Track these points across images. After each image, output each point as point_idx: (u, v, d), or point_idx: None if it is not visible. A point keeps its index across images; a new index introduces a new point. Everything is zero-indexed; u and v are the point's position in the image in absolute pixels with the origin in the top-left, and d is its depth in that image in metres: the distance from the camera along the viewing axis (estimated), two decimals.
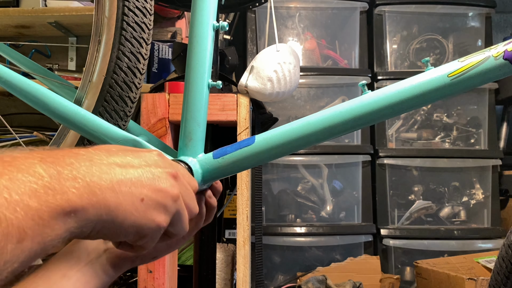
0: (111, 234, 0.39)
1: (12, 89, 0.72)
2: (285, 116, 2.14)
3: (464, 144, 2.18)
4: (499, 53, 0.55)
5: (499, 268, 0.81)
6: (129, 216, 0.39)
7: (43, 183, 0.33)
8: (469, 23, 2.25)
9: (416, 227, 2.09)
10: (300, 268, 2.01)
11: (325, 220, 2.09)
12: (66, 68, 1.81)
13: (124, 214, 0.39)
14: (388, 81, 2.12)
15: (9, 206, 0.30)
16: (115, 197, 0.38)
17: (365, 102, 0.60)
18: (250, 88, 1.19)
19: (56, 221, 0.33)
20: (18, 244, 0.30)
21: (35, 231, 0.31)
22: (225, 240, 1.59)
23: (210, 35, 0.70)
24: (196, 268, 1.21)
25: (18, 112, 1.75)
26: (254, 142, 0.62)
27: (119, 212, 0.38)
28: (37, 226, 0.31)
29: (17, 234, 0.30)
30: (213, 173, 0.62)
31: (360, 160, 2.09)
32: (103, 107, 0.78)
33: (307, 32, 2.19)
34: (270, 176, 2.14)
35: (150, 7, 0.82)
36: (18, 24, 1.70)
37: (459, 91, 0.58)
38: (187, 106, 0.68)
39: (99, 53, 0.77)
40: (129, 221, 0.39)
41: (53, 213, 0.32)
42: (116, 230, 0.39)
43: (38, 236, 0.31)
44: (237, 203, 1.16)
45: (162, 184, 0.43)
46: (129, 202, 0.39)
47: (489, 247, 1.99)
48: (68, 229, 0.34)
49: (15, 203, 0.30)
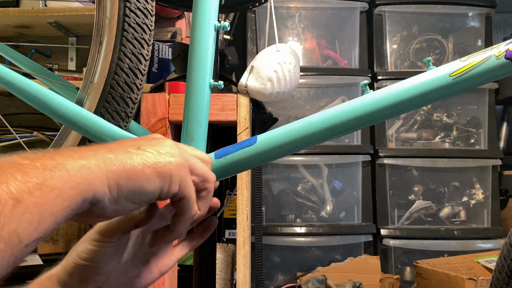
0: (137, 190, 0.41)
1: (15, 91, 0.72)
2: (285, 116, 2.14)
3: (464, 144, 2.18)
4: (501, 52, 0.56)
5: (500, 267, 0.81)
6: (134, 176, 0.41)
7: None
8: (469, 23, 2.25)
9: (416, 227, 2.09)
10: (300, 268, 2.01)
11: (325, 220, 2.09)
12: (66, 68, 1.81)
13: (132, 174, 0.41)
14: (388, 81, 2.12)
15: (35, 187, 0.33)
16: (130, 162, 0.41)
17: (367, 102, 0.60)
18: (250, 88, 1.19)
19: (72, 191, 0.36)
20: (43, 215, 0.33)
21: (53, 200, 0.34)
22: (225, 240, 1.59)
23: (211, 35, 0.70)
24: (196, 268, 1.21)
25: (18, 112, 1.75)
26: (256, 142, 0.62)
27: (129, 174, 0.41)
28: (56, 197, 0.34)
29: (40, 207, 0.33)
30: (215, 173, 0.62)
31: (360, 160, 2.09)
32: (104, 108, 0.78)
33: (307, 32, 2.19)
34: (270, 176, 2.14)
35: (151, 8, 0.82)
36: (18, 24, 1.70)
37: (461, 91, 0.58)
38: (188, 106, 0.68)
39: (101, 54, 0.77)
40: (147, 171, 0.42)
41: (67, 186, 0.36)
42: (139, 184, 0.41)
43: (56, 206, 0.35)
44: (237, 203, 1.16)
45: (164, 149, 0.45)
46: (140, 161, 0.42)
47: (489, 247, 1.99)
48: (82, 196, 0.37)
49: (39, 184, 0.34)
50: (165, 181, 0.43)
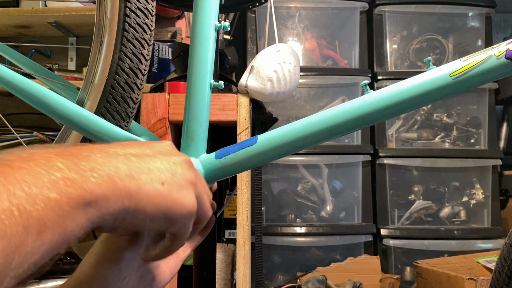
0: (137, 221, 0.39)
1: (15, 91, 0.72)
2: (285, 116, 2.14)
3: (464, 144, 2.18)
4: (501, 52, 0.56)
5: (500, 267, 0.81)
6: (153, 199, 0.39)
7: (61, 175, 0.32)
8: (469, 23, 2.25)
9: (416, 227, 2.09)
10: (300, 268, 2.01)
11: (325, 220, 2.09)
12: (66, 68, 1.81)
13: (147, 197, 0.38)
14: (388, 81, 2.12)
15: (28, 199, 0.30)
16: (135, 183, 0.37)
17: (368, 101, 0.60)
18: (250, 88, 1.19)
19: (76, 211, 0.33)
20: (39, 235, 0.30)
21: (55, 222, 0.31)
22: (225, 240, 1.59)
23: (212, 35, 0.70)
24: (196, 268, 1.21)
25: (18, 112, 1.75)
26: (257, 142, 0.62)
27: (141, 196, 0.38)
28: (57, 217, 0.31)
29: (37, 226, 0.30)
30: (215, 173, 0.62)
31: (360, 160, 2.10)
32: (105, 108, 0.78)
33: (307, 32, 2.19)
34: (270, 176, 2.14)
35: (152, 8, 0.82)
36: (18, 24, 1.70)
37: (461, 91, 0.58)
38: (189, 107, 0.68)
39: (101, 54, 0.77)
40: (153, 205, 0.39)
41: (73, 203, 0.32)
42: (141, 216, 0.38)
43: (59, 227, 0.31)
44: (237, 203, 1.16)
45: (179, 168, 0.43)
46: (150, 186, 0.39)
47: (489, 247, 1.99)
48: (90, 219, 0.34)
49: (35, 196, 0.30)
50: (168, 224, 0.41)
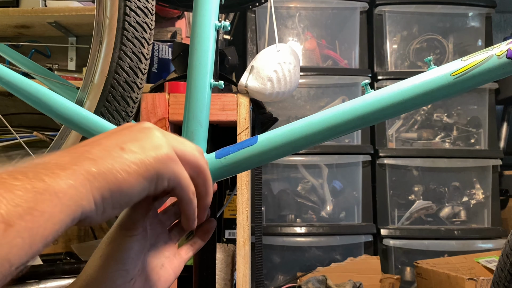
0: (122, 198, 0.41)
1: (15, 91, 0.72)
2: (285, 116, 2.14)
3: (464, 144, 2.18)
4: (502, 52, 0.55)
5: (503, 265, 0.81)
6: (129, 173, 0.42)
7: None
8: (469, 23, 2.25)
9: (416, 227, 2.09)
10: (300, 268, 2.00)
11: (325, 220, 2.09)
12: (65, 68, 1.81)
13: (125, 174, 0.41)
14: (388, 81, 2.12)
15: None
16: (113, 173, 0.41)
17: (368, 101, 0.59)
18: (250, 88, 1.19)
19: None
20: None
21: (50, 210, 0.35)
22: (225, 240, 1.59)
23: (212, 35, 0.70)
24: (196, 268, 1.21)
25: (18, 112, 1.75)
26: (257, 142, 0.61)
27: (118, 180, 0.41)
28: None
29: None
30: (216, 173, 0.62)
31: (360, 160, 2.09)
32: (105, 107, 0.78)
33: (307, 32, 2.19)
34: (270, 176, 2.14)
35: (151, 7, 0.81)
36: (18, 24, 1.69)
37: (462, 90, 0.57)
38: (189, 106, 0.68)
39: (101, 54, 0.77)
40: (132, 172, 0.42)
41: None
42: (123, 192, 0.41)
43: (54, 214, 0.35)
44: (237, 203, 1.16)
45: (139, 134, 0.45)
46: (123, 168, 0.41)
47: (489, 247, 1.99)
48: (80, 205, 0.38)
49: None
50: (151, 181, 0.43)
